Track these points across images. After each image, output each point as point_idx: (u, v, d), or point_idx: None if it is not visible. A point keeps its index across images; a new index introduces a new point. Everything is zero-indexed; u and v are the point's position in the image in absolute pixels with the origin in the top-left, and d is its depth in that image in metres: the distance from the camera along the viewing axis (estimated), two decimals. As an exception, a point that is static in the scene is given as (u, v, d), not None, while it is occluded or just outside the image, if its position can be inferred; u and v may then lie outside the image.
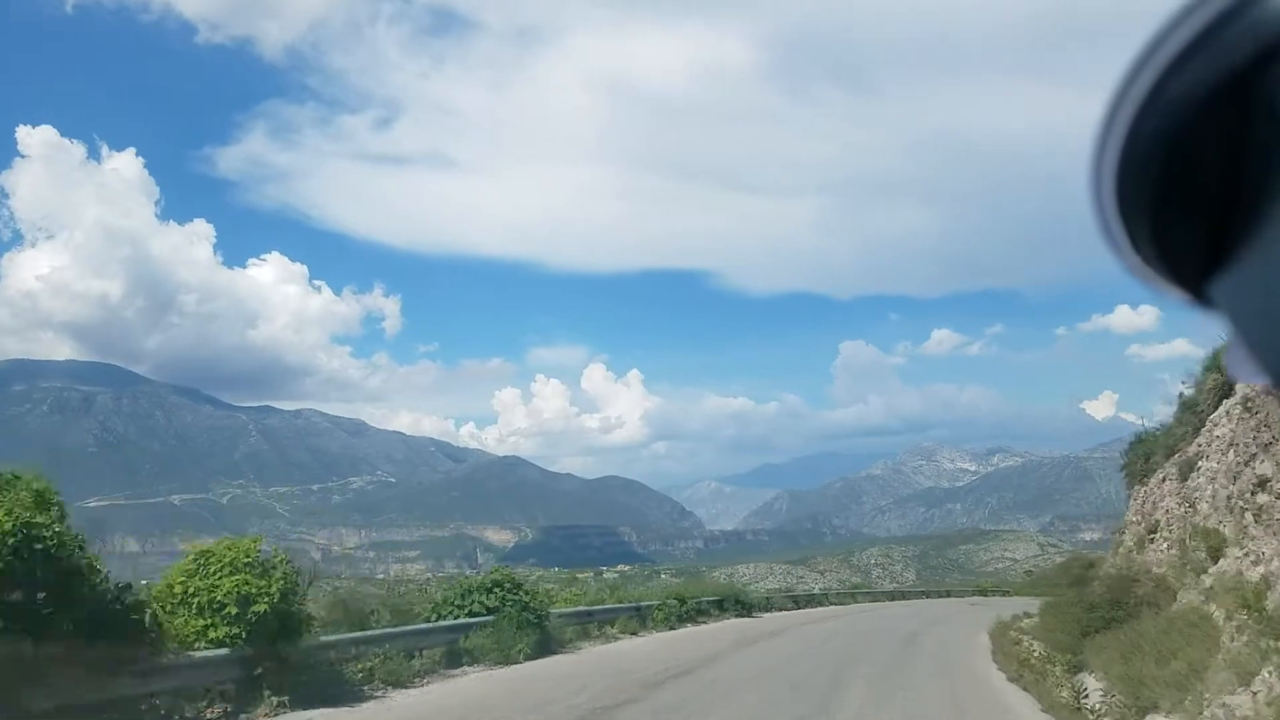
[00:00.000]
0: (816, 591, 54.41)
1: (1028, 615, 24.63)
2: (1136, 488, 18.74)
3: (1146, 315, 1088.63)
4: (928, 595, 58.97)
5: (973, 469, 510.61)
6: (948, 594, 60.27)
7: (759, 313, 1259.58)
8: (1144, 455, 18.96)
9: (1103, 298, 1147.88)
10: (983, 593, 57.34)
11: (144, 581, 12.04)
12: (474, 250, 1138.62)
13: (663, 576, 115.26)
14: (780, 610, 37.75)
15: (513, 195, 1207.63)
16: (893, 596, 56.34)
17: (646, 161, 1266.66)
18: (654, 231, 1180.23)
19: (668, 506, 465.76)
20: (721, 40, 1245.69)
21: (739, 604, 32.69)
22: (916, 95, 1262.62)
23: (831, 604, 45.04)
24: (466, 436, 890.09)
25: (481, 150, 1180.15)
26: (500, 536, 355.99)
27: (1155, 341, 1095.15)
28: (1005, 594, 51.86)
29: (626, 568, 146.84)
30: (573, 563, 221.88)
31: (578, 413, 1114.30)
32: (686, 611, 28.14)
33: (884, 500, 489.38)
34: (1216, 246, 0.82)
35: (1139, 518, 17.93)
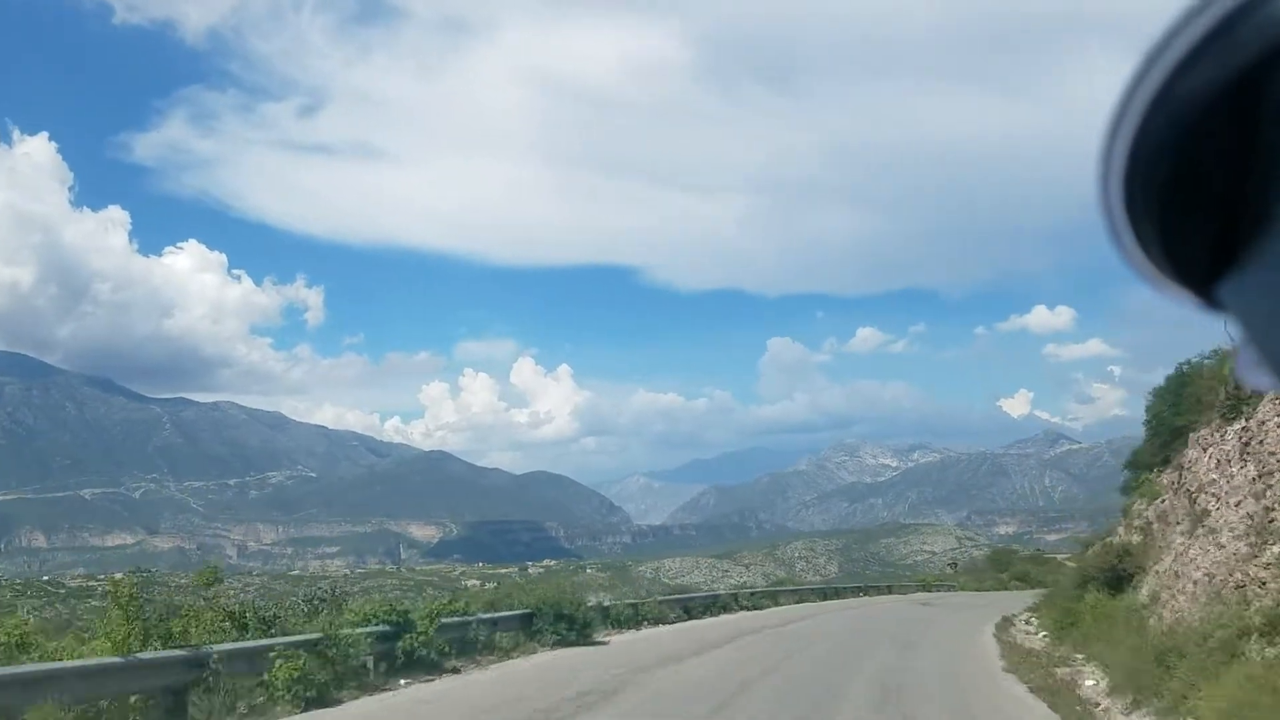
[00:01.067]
0: (722, 592, 39.31)
1: (1043, 633, 19.94)
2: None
3: (1063, 316, 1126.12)
4: (864, 591, 48.23)
5: (894, 464, 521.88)
6: (888, 589, 50.89)
7: (688, 309, 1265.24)
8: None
9: (1021, 298, 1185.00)
10: (926, 588, 50.55)
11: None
12: (402, 242, 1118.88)
13: (589, 571, 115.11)
14: (663, 624, 25.10)
15: (442, 187, 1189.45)
16: (825, 594, 44.32)
17: (577, 156, 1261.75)
18: (585, 226, 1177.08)
19: (596, 502, 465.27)
20: (654, 37, 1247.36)
21: (562, 621, 19.34)
22: (844, 98, 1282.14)
23: (744, 607, 32.49)
24: (392, 431, 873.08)
25: (410, 141, 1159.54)
26: (425, 532, 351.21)
27: (1070, 341, 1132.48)
28: (952, 589, 47.26)
29: (553, 563, 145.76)
30: (500, 558, 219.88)
31: (507, 407, 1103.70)
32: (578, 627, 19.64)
33: (809, 495, 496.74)
34: (1225, 248, 0.81)
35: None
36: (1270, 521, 10.62)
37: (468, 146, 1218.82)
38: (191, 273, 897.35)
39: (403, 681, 14.08)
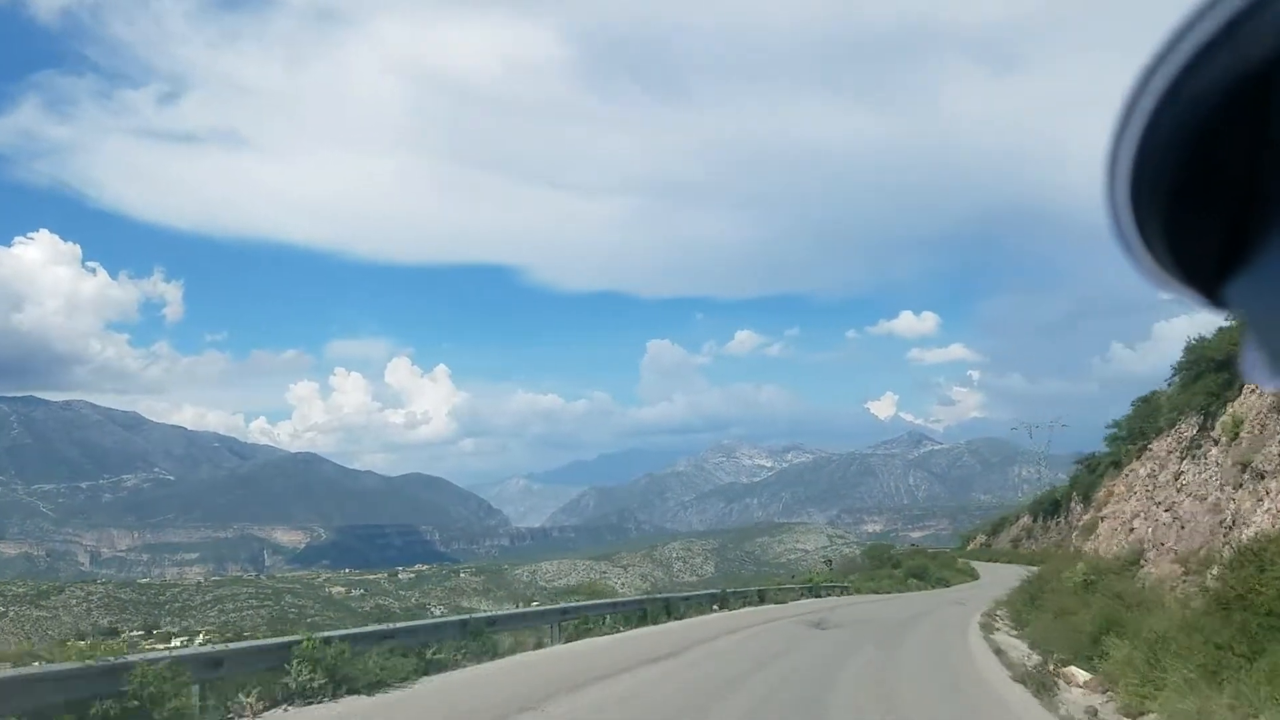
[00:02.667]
0: (578, 604, 22.77)
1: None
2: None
3: (928, 321, 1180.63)
4: (720, 603, 28.31)
5: (769, 465, 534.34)
6: (759, 596, 32.10)
7: (568, 310, 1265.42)
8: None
9: (889, 303, 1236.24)
10: (813, 590, 36.56)
11: None
12: (269, 235, 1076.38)
13: (462, 576, 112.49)
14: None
15: (313, 180, 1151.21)
16: (644, 613, 24.72)
17: (454, 152, 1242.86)
18: (463, 224, 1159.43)
19: (473, 504, 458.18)
20: (532, 34, 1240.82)
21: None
22: (722, 102, 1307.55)
23: (611, 627, 20.41)
24: (257, 432, 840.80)
25: (279, 131, 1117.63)
26: (291, 537, 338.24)
27: (935, 346, 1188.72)
28: (844, 590, 38.39)
29: (425, 567, 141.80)
30: (370, 564, 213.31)
31: (381, 408, 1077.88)
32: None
33: (687, 496, 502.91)
34: (1233, 247, 0.81)
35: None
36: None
37: (341, 139, 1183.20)
38: (43, 265, 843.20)
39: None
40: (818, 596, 34.89)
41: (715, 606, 27.41)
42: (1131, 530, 18.78)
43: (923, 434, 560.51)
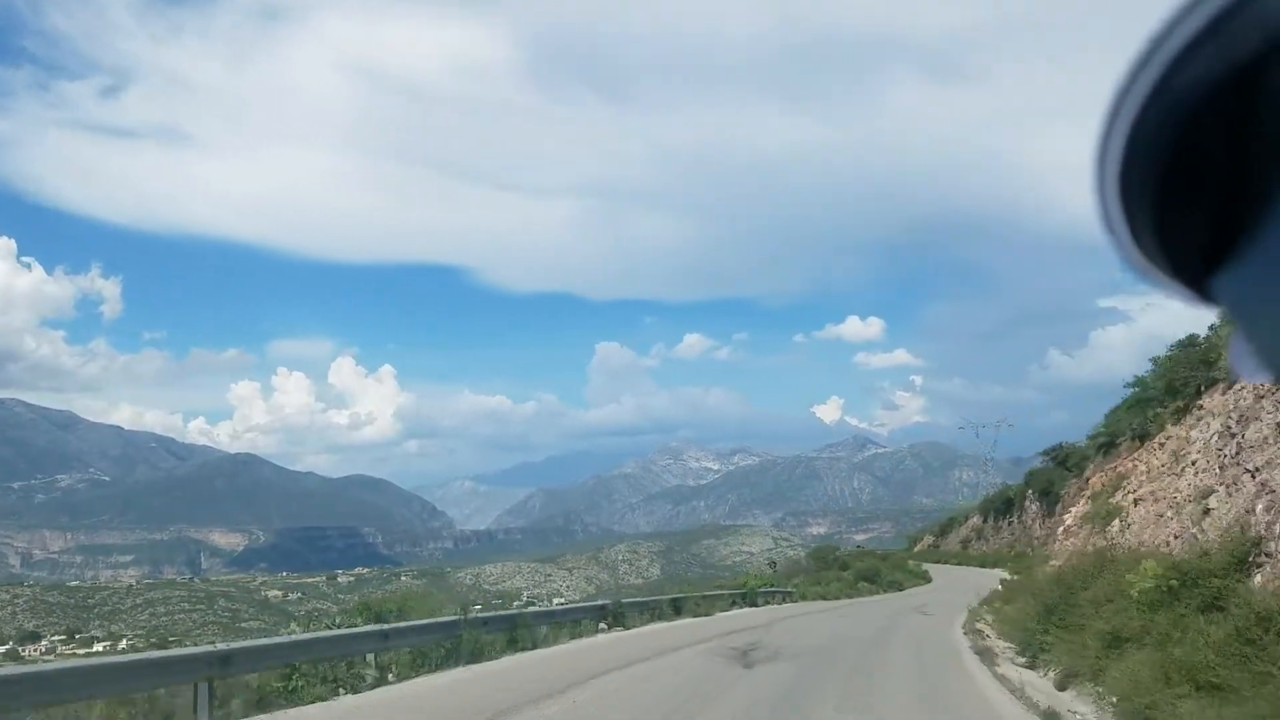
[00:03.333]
0: (477, 615, 16.91)
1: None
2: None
3: (874, 326, 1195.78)
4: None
5: (716, 468, 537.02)
6: (674, 609, 25.54)
7: (517, 311, 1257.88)
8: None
9: (836, 308, 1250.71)
10: (748, 597, 31.17)
11: None
12: (211, 232, 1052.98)
13: (403, 579, 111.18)
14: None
15: (257, 177, 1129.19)
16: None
17: (402, 152, 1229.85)
18: (410, 224, 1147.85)
19: (418, 506, 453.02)
20: (480, 34, 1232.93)
21: None
22: (672, 107, 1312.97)
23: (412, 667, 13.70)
24: (196, 433, 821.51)
25: (222, 127, 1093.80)
26: (229, 540, 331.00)
27: (880, 351, 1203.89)
28: (786, 597, 33.79)
29: (365, 571, 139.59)
30: (310, 566, 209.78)
31: (324, 408, 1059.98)
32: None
33: (634, 498, 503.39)
34: (1221, 242, 0.81)
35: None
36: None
37: (286, 136, 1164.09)
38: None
39: None
40: (754, 605, 29.73)
41: (603, 625, 20.65)
42: (1207, 512, 12.64)
43: (867, 438, 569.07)
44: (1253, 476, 11.69)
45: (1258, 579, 9.87)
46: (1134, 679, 8.81)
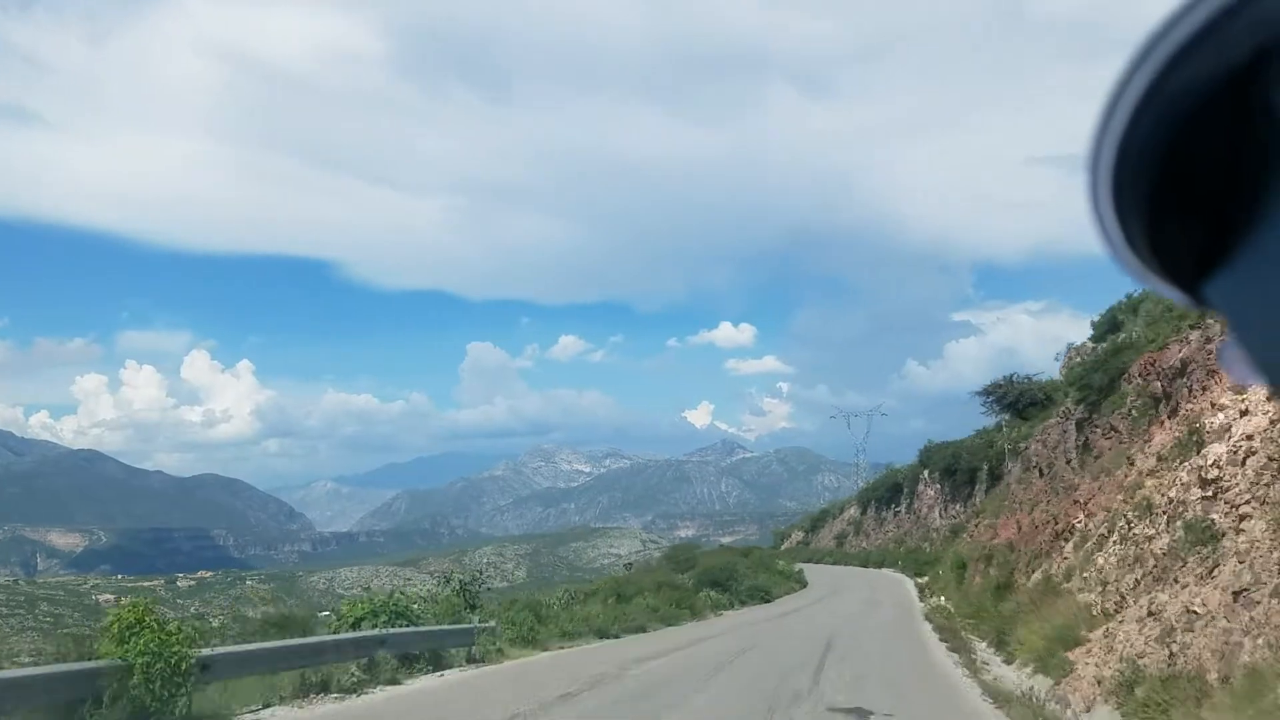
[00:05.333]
0: None
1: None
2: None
3: (745, 332, 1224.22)
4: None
5: (587, 470, 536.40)
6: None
7: (387, 309, 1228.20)
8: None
9: (709, 314, 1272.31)
10: (377, 642, 14.26)
11: None
12: (60, 217, 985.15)
13: (249, 583, 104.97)
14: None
15: (111, 160, 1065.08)
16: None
17: (268, 141, 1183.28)
18: (274, 215, 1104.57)
19: (274, 508, 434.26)
20: (352, 23, 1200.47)
21: None
22: (550, 107, 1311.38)
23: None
24: (38, 427, 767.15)
25: (74, 108, 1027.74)
26: (68, 540, 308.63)
27: (750, 357, 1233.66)
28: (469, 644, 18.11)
29: (208, 574, 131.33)
30: (155, 569, 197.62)
31: (176, 404, 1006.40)
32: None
33: (504, 500, 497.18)
34: (1213, 246, 0.81)
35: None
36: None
37: (144, 120, 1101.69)
38: None
39: None
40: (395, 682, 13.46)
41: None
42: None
43: (735, 442, 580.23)
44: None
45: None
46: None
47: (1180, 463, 11.70)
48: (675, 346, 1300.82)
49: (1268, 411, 9.61)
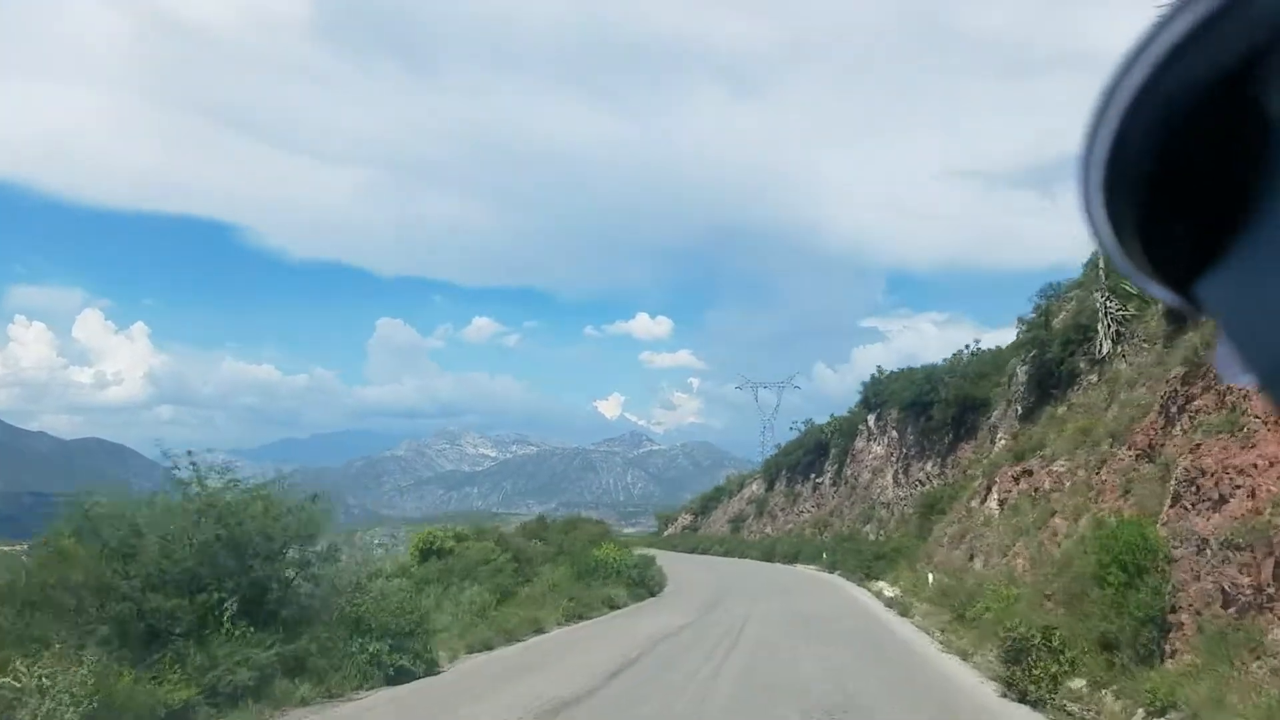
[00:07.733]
0: None
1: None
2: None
3: (662, 325, 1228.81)
4: None
5: (493, 455, 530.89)
6: None
7: (294, 278, 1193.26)
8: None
9: (627, 305, 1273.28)
10: None
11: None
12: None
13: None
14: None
15: (4, 108, 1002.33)
16: None
17: (175, 98, 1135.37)
18: (179, 174, 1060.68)
19: (161, 477, 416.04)
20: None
21: None
22: (474, 86, 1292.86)
23: None
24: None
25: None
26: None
27: (665, 350, 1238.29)
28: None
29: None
30: (29, 535, 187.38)
31: (66, 364, 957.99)
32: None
33: (405, 481, 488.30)
34: (1205, 245, 0.81)
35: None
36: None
37: (44, 69, 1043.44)
38: None
39: None
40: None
41: None
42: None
43: (644, 435, 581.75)
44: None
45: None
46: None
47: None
48: (591, 335, 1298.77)
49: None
